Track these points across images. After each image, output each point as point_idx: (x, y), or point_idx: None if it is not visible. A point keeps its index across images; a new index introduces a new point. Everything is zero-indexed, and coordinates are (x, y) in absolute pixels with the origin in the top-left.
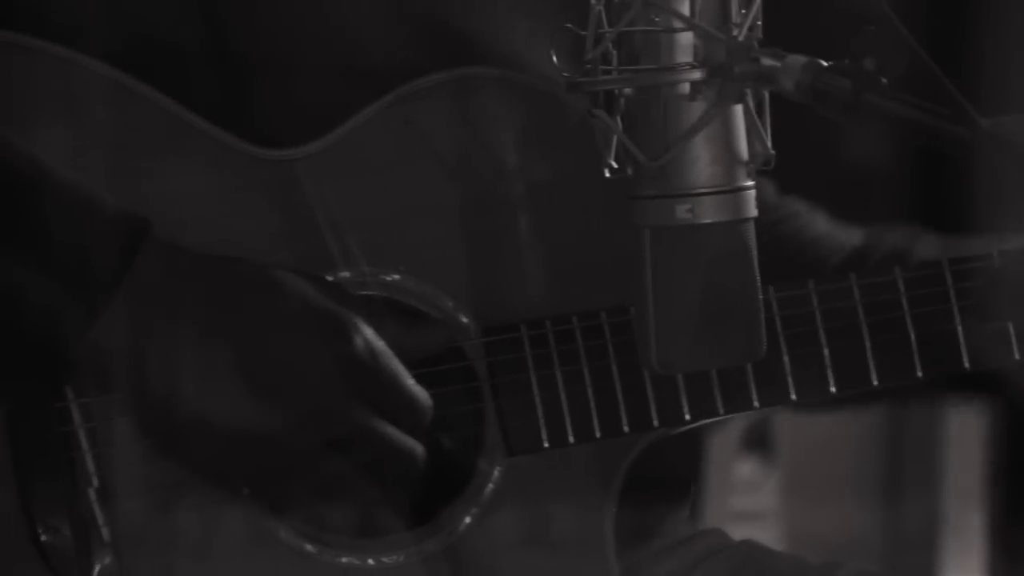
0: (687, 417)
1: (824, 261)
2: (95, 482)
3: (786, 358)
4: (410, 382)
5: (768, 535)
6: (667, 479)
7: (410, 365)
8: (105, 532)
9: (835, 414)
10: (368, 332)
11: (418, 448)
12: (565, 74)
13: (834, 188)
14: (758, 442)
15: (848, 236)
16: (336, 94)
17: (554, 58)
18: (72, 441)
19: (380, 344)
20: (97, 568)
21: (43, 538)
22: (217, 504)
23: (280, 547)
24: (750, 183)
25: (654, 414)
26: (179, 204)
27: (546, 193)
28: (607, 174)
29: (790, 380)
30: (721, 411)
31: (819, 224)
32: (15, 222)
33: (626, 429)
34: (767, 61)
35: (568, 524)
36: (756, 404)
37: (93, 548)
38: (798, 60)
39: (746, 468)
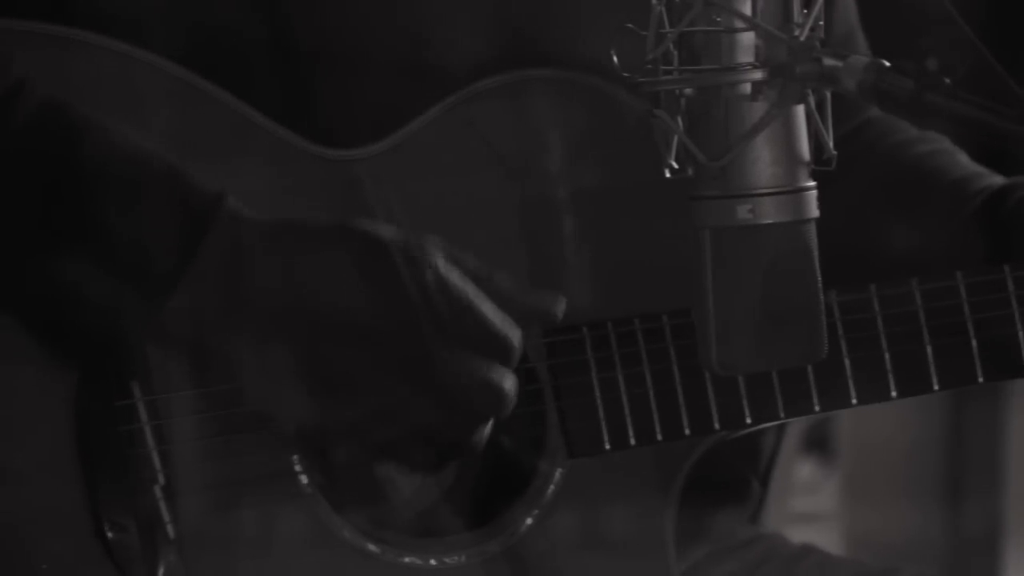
0: (748, 420)
1: (968, 201)
2: (160, 479)
3: (847, 362)
4: (494, 311)
5: (828, 537)
6: (728, 482)
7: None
8: (170, 529)
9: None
10: (440, 261)
11: (507, 383)
12: (626, 74)
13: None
14: (818, 444)
15: (990, 178)
16: (400, 94)
17: (615, 59)
18: (138, 438)
19: (455, 272)
20: (162, 566)
21: (109, 535)
22: (281, 502)
23: (343, 546)
24: (811, 183)
25: (715, 417)
26: (240, 202)
27: (607, 194)
28: (668, 175)
29: (851, 384)
30: (782, 415)
31: (964, 163)
32: (82, 204)
33: (687, 432)
34: (829, 61)
35: (628, 526)
36: (817, 408)
37: (158, 546)
38: (860, 60)
39: (806, 470)
